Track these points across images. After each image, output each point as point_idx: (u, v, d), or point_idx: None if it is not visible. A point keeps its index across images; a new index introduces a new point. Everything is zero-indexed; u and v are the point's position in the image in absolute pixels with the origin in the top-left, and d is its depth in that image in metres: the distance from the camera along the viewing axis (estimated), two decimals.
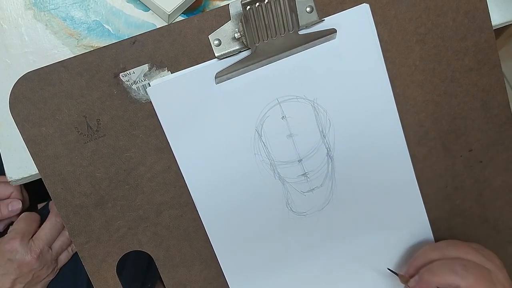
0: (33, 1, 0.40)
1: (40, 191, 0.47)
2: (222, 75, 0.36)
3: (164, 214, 0.39)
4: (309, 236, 0.42)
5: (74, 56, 0.35)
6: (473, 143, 0.43)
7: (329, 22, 0.38)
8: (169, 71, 0.37)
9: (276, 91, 0.38)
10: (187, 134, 0.37)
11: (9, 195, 0.46)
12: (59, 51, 0.40)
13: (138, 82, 0.36)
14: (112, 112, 0.36)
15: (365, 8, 0.38)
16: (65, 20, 0.40)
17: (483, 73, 0.42)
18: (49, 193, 0.37)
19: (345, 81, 0.39)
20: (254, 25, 0.35)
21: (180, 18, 0.41)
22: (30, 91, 0.35)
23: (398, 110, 0.41)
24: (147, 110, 0.37)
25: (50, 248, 0.46)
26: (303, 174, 0.40)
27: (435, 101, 0.41)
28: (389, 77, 0.40)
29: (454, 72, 0.41)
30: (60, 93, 0.35)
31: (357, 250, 0.43)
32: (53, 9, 0.40)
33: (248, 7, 0.34)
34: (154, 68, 0.36)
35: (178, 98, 0.37)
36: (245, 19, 0.35)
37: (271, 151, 0.39)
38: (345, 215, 0.42)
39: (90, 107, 0.36)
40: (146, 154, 0.37)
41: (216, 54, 0.37)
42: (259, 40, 0.36)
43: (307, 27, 0.37)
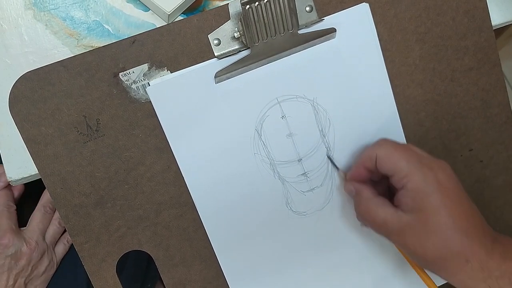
0: (33, 1, 0.40)
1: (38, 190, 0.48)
2: (222, 75, 0.36)
3: (164, 214, 0.39)
4: (309, 236, 0.41)
5: (74, 56, 0.35)
6: (474, 143, 0.43)
7: (329, 22, 0.38)
8: (169, 71, 0.37)
9: (276, 91, 0.38)
10: (187, 134, 0.37)
11: None
12: (59, 51, 0.40)
13: (138, 82, 0.36)
14: (112, 112, 0.36)
15: (365, 8, 0.38)
16: (65, 20, 0.40)
17: (483, 72, 0.42)
18: (49, 193, 0.37)
19: (345, 81, 0.39)
20: (254, 25, 0.35)
21: (180, 18, 0.41)
22: (30, 91, 0.35)
23: (398, 110, 0.41)
24: (147, 110, 0.37)
25: (44, 238, 0.46)
26: (303, 174, 0.40)
27: (435, 101, 0.41)
28: (389, 77, 0.40)
29: (454, 72, 0.41)
30: (60, 93, 0.35)
31: (358, 250, 0.43)
32: (53, 9, 0.40)
33: (248, 7, 0.34)
34: (154, 68, 0.36)
35: (178, 98, 0.37)
36: (245, 19, 0.35)
37: (271, 151, 0.39)
38: (345, 215, 0.42)
39: (90, 107, 0.36)
40: (146, 154, 0.37)
41: (216, 54, 0.37)
42: (259, 40, 0.36)
43: (307, 27, 0.37)
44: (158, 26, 0.37)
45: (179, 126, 0.37)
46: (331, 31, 0.38)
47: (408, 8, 0.39)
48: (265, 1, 0.34)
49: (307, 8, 0.37)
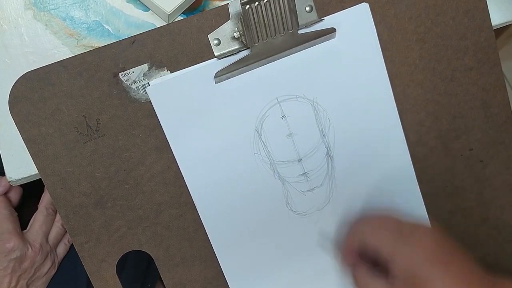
0: (33, 1, 0.40)
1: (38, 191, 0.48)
2: (222, 75, 0.36)
3: (164, 214, 0.39)
4: (309, 236, 0.41)
5: (74, 56, 0.35)
6: (474, 142, 0.43)
7: (329, 22, 0.38)
8: (169, 71, 0.37)
9: (276, 91, 0.38)
10: (187, 134, 0.37)
11: None
12: (59, 51, 0.40)
13: (138, 82, 0.36)
14: (112, 112, 0.36)
15: (365, 7, 0.38)
16: (65, 20, 0.40)
17: (483, 72, 0.42)
18: (49, 193, 0.37)
19: (345, 81, 0.39)
20: (254, 25, 0.35)
21: (180, 18, 0.41)
22: (30, 91, 0.35)
23: (398, 110, 0.41)
24: (147, 110, 0.37)
25: (47, 240, 0.46)
26: (303, 174, 0.40)
27: (435, 100, 0.41)
28: (389, 76, 0.40)
29: (454, 71, 0.41)
30: (60, 93, 0.35)
31: None
32: (53, 9, 0.40)
33: (248, 7, 0.34)
34: (154, 68, 0.36)
35: (178, 98, 0.37)
36: (245, 19, 0.35)
37: (271, 151, 0.39)
38: (345, 215, 0.42)
39: (90, 107, 0.36)
40: (146, 154, 0.37)
41: (216, 54, 0.37)
42: (259, 40, 0.36)
43: (307, 27, 0.37)
44: (158, 26, 0.37)
45: (179, 126, 0.37)
46: (331, 31, 0.38)
47: (408, 8, 0.39)
48: (265, 1, 0.34)
49: (307, 8, 0.37)
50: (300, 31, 0.37)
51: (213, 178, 0.39)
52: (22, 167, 0.39)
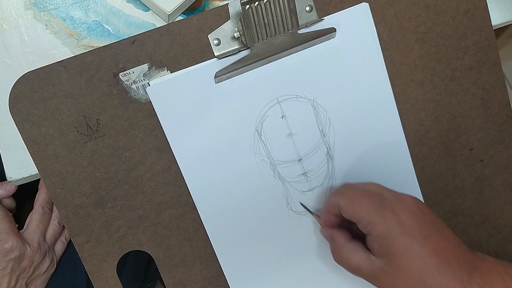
0: (33, 1, 0.40)
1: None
2: (222, 75, 0.36)
3: (164, 214, 0.39)
4: (309, 236, 0.41)
5: (74, 56, 0.35)
6: (474, 142, 0.43)
7: (329, 21, 0.38)
8: (169, 71, 0.37)
9: (276, 91, 0.38)
10: (187, 134, 0.37)
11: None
12: (59, 51, 0.40)
13: (138, 82, 0.36)
14: (112, 112, 0.36)
15: (365, 7, 0.38)
16: (65, 20, 0.40)
17: (483, 72, 0.42)
18: (49, 193, 0.37)
19: (345, 80, 0.39)
20: (254, 25, 0.35)
21: (180, 18, 0.41)
22: (30, 91, 0.35)
23: (398, 109, 0.41)
24: (147, 110, 0.37)
25: (45, 238, 0.46)
26: (303, 174, 0.40)
27: (435, 100, 0.41)
28: (389, 76, 0.40)
29: (454, 71, 0.41)
30: (60, 93, 0.35)
31: None
32: (53, 9, 0.40)
33: (247, 7, 0.34)
34: (154, 68, 0.36)
35: (178, 98, 0.37)
36: (245, 19, 0.35)
37: (271, 151, 0.39)
38: None
39: (90, 107, 0.36)
40: (146, 154, 0.37)
41: (216, 54, 0.37)
42: (259, 40, 0.36)
43: (307, 26, 0.37)
44: (158, 26, 0.37)
45: (179, 126, 0.37)
46: (331, 31, 0.38)
47: (408, 8, 0.39)
48: (265, 1, 0.34)
49: (307, 8, 0.37)
50: (300, 31, 0.37)
51: (213, 178, 0.39)
52: (22, 167, 0.39)
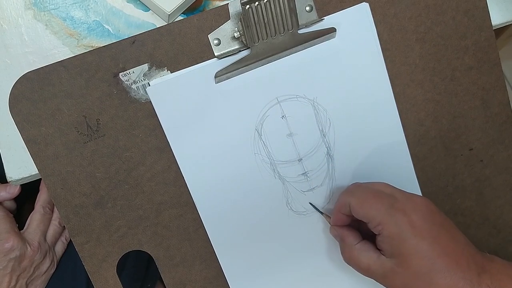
0: (33, 1, 0.40)
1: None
2: (222, 75, 0.36)
3: (164, 214, 0.39)
4: (309, 235, 0.41)
5: (74, 56, 0.35)
6: (474, 142, 0.43)
7: (329, 21, 0.38)
8: (169, 71, 0.37)
9: (276, 91, 0.38)
10: (187, 134, 0.37)
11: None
12: (59, 51, 0.40)
13: (138, 82, 0.36)
14: (112, 112, 0.36)
15: (365, 7, 0.38)
16: (65, 20, 0.40)
17: (483, 72, 0.42)
18: (49, 193, 0.37)
19: (345, 80, 0.39)
20: (254, 24, 0.35)
21: (180, 18, 0.41)
22: (30, 91, 0.35)
23: (398, 109, 0.41)
24: (147, 110, 0.37)
25: (45, 239, 0.46)
26: (303, 174, 0.40)
27: (435, 100, 0.41)
28: (389, 76, 0.40)
29: (454, 71, 0.41)
30: (60, 93, 0.35)
31: None
32: (53, 9, 0.40)
33: (248, 6, 0.34)
34: (154, 68, 0.36)
35: (178, 98, 0.37)
36: (245, 19, 0.35)
37: (271, 151, 0.39)
38: None
39: (90, 107, 0.36)
40: (146, 154, 0.37)
41: (216, 54, 0.37)
42: (259, 40, 0.36)
43: (307, 26, 0.37)
44: (158, 26, 0.37)
45: (179, 126, 0.37)
46: (331, 31, 0.38)
47: (408, 8, 0.39)
48: (265, 1, 0.34)
49: (307, 8, 0.37)
50: (300, 31, 0.37)
51: (213, 178, 0.39)
52: (22, 167, 0.39)
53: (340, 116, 0.40)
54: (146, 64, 0.36)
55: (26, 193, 0.48)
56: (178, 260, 0.40)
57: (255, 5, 0.34)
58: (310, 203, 0.40)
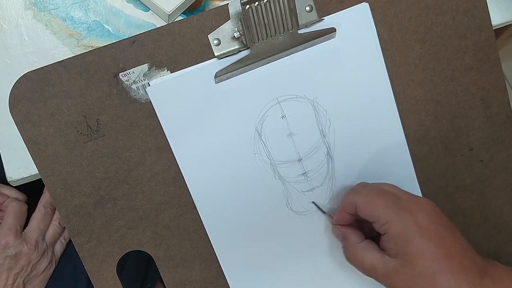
0: (33, 1, 0.40)
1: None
2: (222, 75, 0.37)
3: (164, 214, 0.39)
4: (309, 236, 0.41)
5: (74, 56, 0.35)
6: (474, 142, 0.43)
7: (329, 21, 0.38)
8: (169, 71, 0.37)
9: (276, 91, 0.38)
10: (187, 134, 0.37)
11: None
12: (59, 51, 0.40)
13: (138, 82, 0.36)
14: (112, 112, 0.36)
15: (365, 7, 0.38)
16: (65, 20, 0.40)
17: (483, 72, 0.42)
18: (49, 193, 0.37)
19: (345, 80, 0.39)
20: (254, 25, 0.35)
21: (180, 18, 0.41)
22: (30, 91, 0.35)
23: (398, 109, 0.41)
24: (147, 110, 0.37)
25: (44, 238, 0.46)
26: (303, 174, 0.40)
27: (435, 100, 0.41)
28: (389, 76, 0.40)
29: (454, 71, 0.41)
30: (60, 93, 0.35)
31: None
32: (53, 9, 0.40)
33: (247, 7, 0.34)
34: (154, 68, 0.36)
35: (178, 98, 0.37)
36: (245, 19, 0.35)
37: (271, 151, 0.39)
38: None
39: (90, 107, 0.36)
40: (146, 154, 0.37)
41: (216, 54, 0.37)
42: (259, 40, 0.36)
43: (307, 26, 0.37)
44: (158, 26, 0.37)
45: (179, 126, 0.37)
46: (331, 31, 0.38)
47: (408, 8, 0.39)
48: (265, 1, 0.34)
49: (307, 8, 0.37)
50: (300, 31, 0.37)
51: (213, 178, 0.39)
52: (22, 167, 0.39)
53: (340, 116, 0.40)
54: (146, 64, 0.36)
55: (29, 194, 0.48)
56: (178, 260, 0.40)
57: (255, 5, 0.34)
58: (313, 202, 0.40)
